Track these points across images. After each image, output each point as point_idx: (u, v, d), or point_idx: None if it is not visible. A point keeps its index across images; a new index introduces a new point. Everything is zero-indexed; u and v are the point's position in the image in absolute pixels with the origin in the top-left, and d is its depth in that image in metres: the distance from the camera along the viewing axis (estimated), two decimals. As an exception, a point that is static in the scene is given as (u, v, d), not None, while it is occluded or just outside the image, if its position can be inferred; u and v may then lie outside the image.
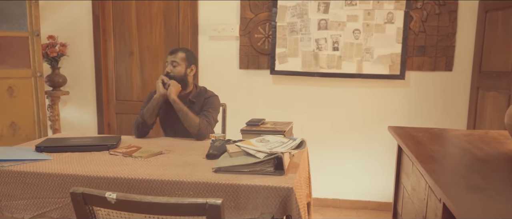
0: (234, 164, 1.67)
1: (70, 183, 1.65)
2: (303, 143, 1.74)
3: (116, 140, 2.15)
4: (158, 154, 1.97)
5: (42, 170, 1.70)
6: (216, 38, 3.52)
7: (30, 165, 1.76)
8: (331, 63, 3.33)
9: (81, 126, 3.94)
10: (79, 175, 1.66)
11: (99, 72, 3.82)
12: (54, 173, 1.68)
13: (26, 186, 1.68)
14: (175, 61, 2.44)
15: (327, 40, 3.30)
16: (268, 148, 1.72)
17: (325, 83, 3.40)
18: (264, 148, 1.71)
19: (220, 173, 1.66)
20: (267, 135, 1.94)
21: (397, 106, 3.37)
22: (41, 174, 1.68)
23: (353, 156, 3.49)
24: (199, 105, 2.46)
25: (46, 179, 1.68)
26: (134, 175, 1.63)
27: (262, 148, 1.72)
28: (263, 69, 3.46)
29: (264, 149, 1.69)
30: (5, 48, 3.22)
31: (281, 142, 1.81)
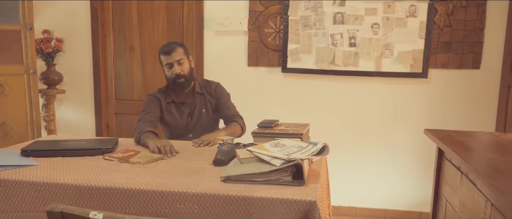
0: (246, 172, 1.48)
1: (56, 193, 1.46)
2: (326, 148, 1.54)
3: (112, 143, 1.97)
4: (159, 159, 1.79)
5: (25, 178, 1.51)
6: (223, 33, 3.37)
7: (12, 172, 1.58)
8: (348, 60, 3.15)
9: (78, 127, 3.80)
10: (66, 184, 1.46)
11: (97, 69, 3.68)
12: (38, 181, 1.49)
13: (5, 197, 1.50)
14: (181, 59, 2.31)
15: (343, 36, 3.13)
16: (285, 153, 1.52)
17: (340, 82, 3.24)
18: (281, 154, 1.51)
19: (229, 182, 1.47)
20: (282, 139, 1.74)
21: (418, 107, 3.20)
22: (24, 182, 1.50)
23: (370, 160, 3.32)
24: (208, 96, 2.42)
25: (29, 188, 1.49)
26: (129, 185, 1.43)
27: (278, 153, 1.52)
28: (274, 67, 3.30)
29: (281, 155, 1.49)
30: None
31: (299, 147, 1.61)
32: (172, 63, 2.29)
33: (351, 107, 3.27)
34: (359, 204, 3.37)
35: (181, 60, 2.31)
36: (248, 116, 2.97)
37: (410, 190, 3.29)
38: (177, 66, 2.29)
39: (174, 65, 2.29)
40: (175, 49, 2.29)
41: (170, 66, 2.30)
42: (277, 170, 1.44)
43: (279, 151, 1.56)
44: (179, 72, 2.29)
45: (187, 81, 2.34)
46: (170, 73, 2.32)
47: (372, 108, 3.25)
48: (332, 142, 3.08)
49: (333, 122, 3.30)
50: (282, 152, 1.55)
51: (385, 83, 3.18)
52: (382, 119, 3.25)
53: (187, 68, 2.34)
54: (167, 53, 2.29)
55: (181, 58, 2.30)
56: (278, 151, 1.57)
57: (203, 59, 3.42)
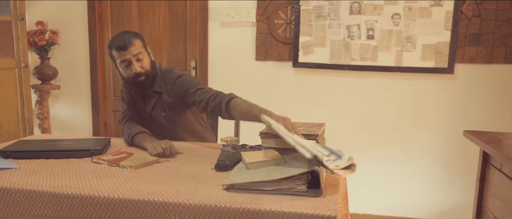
0: (253, 179, 1.30)
1: (32, 202, 1.30)
2: (353, 166, 1.31)
3: (103, 144, 1.81)
4: (153, 162, 1.63)
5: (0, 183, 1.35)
6: (229, 24, 3.23)
7: (-16, 177, 1.42)
8: (365, 54, 3.00)
9: (74, 126, 3.69)
10: (44, 191, 1.30)
11: (94, 64, 3.57)
12: (12, 188, 1.33)
13: (-26, 206, 1.34)
14: (140, 52, 1.94)
15: (360, 27, 2.98)
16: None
17: (357, 77, 3.09)
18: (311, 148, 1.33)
19: (233, 191, 1.30)
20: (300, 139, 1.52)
21: (443, 106, 3.03)
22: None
23: (388, 163, 3.16)
24: (166, 93, 2.03)
25: (1, 196, 1.33)
26: (116, 193, 1.26)
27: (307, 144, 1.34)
28: (284, 61, 3.17)
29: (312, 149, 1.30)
30: None
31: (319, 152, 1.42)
32: (129, 60, 1.92)
33: (368, 105, 3.12)
34: (376, 211, 3.21)
35: (140, 54, 1.94)
36: None
37: (431, 196, 3.12)
38: (135, 63, 1.93)
39: (132, 62, 1.93)
40: (132, 42, 1.92)
41: (127, 63, 1.93)
42: (289, 178, 1.27)
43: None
44: (140, 70, 1.94)
45: (150, 78, 2.00)
46: (127, 72, 1.95)
47: (391, 107, 3.10)
48: (347, 143, 3.03)
49: (348, 121, 3.15)
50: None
51: (406, 80, 3.02)
52: (402, 119, 3.10)
53: (148, 62, 1.99)
54: (121, 48, 1.90)
55: (139, 51, 1.94)
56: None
57: (208, 52, 3.29)
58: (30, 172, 1.49)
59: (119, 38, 1.93)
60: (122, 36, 1.94)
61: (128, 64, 1.94)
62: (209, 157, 1.76)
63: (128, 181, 1.39)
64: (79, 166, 1.59)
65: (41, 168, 1.55)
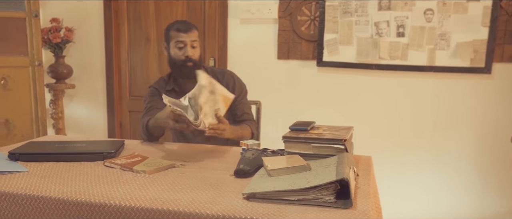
0: (275, 188, 1.23)
1: (39, 209, 1.26)
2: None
3: (116, 146, 1.77)
4: (169, 167, 1.57)
5: (5, 188, 1.32)
6: (250, 21, 3.21)
7: (-9, 181, 1.39)
8: (395, 52, 2.92)
9: (89, 126, 3.73)
10: (53, 198, 1.26)
11: (110, 62, 3.59)
12: (19, 193, 1.29)
13: (-21, 212, 1.30)
14: (196, 41, 2.15)
15: (389, 24, 2.91)
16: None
17: (386, 77, 3.03)
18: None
19: (254, 201, 1.23)
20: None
21: (479, 108, 2.93)
22: (1, 194, 1.30)
23: (420, 170, 3.07)
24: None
25: (8, 201, 1.29)
26: (128, 201, 1.21)
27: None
28: (308, 60, 3.13)
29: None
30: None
31: None
32: (185, 43, 2.12)
33: (397, 107, 3.05)
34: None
35: (196, 42, 2.15)
36: (277, 117, 2.78)
37: (465, 205, 3.01)
38: (190, 48, 2.12)
39: (188, 45, 2.12)
40: (192, 29, 2.14)
41: (182, 45, 2.12)
42: (316, 187, 1.19)
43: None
44: (191, 55, 2.12)
45: (196, 67, 2.14)
46: (180, 54, 2.13)
47: (423, 109, 3.01)
48: (375, 148, 2.91)
49: (376, 125, 3.09)
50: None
51: (439, 80, 2.93)
52: (434, 122, 3.01)
53: (198, 53, 2.17)
54: (181, 31, 2.11)
55: (195, 40, 2.15)
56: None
57: (227, 50, 3.26)
58: (38, 176, 1.45)
59: (181, 22, 2.16)
60: (184, 22, 2.17)
61: (183, 47, 2.12)
62: (228, 162, 1.70)
63: (141, 188, 1.34)
64: (90, 170, 1.55)
65: (51, 172, 1.51)
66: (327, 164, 1.40)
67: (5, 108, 3.03)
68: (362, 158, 1.83)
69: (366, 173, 1.57)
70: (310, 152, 1.59)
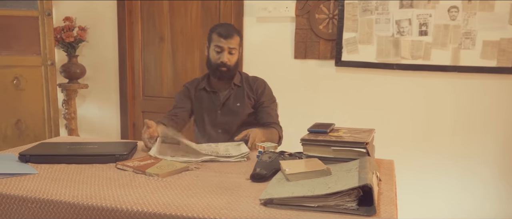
0: (294, 194, 1.19)
1: (48, 212, 1.24)
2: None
3: (129, 148, 1.76)
4: (183, 170, 1.55)
5: (14, 191, 1.30)
6: (266, 19, 3.17)
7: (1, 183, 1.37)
8: (417, 51, 2.86)
9: (102, 126, 3.72)
10: (62, 202, 1.24)
11: (123, 62, 3.58)
12: (29, 196, 1.27)
13: (-13, 215, 1.29)
14: (234, 49, 2.25)
15: (411, 22, 2.84)
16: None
17: (407, 78, 2.96)
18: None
19: (271, 207, 1.19)
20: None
21: (506, 110, 2.83)
22: (11, 197, 1.29)
23: (443, 174, 2.99)
24: (247, 90, 2.34)
25: (17, 204, 1.28)
26: (140, 206, 1.18)
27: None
28: (326, 59, 3.08)
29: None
30: (10, 30, 2.99)
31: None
32: (223, 48, 2.22)
33: (420, 109, 2.99)
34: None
35: (233, 50, 2.24)
36: (294, 119, 2.75)
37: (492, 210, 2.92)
38: (227, 54, 2.22)
39: (225, 51, 2.22)
40: (233, 36, 2.23)
41: (220, 50, 2.23)
42: (338, 193, 1.15)
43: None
44: (226, 61, 2.22)
45: (229, 73, 2.27)
46: (216, 57, 2.24)
47: (447, 111, 2.94)
48: (396, 151, 2.82)
49: (398, 127, 3.03)
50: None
51: (464, 80, 2.86)
52: (458, 123, 2.94)
53: (235, 60, 2.28)
54: (223, 36, 2.21)
55: (234, 47, 2.24)
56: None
57: (243, 50, 3.22)
58: (49, 179, 1.44)
59: (224, 27, 2.26)
60: (227, 27, 2.27)
61: (220, 51, 2.22)
62: (244, 165, 1.67)
63: (154, 192, 1.31)
64: (102, 172, 1.53)
65: (62, 174, 1.50)
66: (348, 168, 1.36)
67: (17, 108, 3.03)
68: (383, 162, 1.78)
69: (388, 178, 1.53)
70: (330, 156, 1.56)
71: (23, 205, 1.27)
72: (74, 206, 1.22)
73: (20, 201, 1.28)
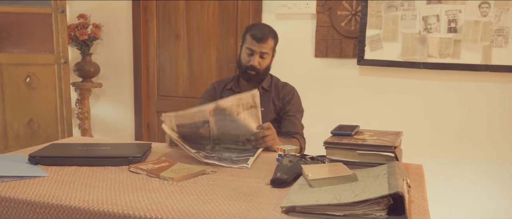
0: (318, 201, 1.14)
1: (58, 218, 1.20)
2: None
3: (143, 150, 1.73)
4: (199, 174, 1.50)
5: (22, 195, 1.27)
6: (285, 16, 3.18)
7: (10, 186, 1.35)
8: (445, 50, 2.83)
9: (115, 127, 3.75)
10: (73, 207, 1.20)
11: (138, 60, 3.60)
12: (37, 201, 1.24)
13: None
14: (266, 53, 2.23)
15: (440, 18, 2.82)
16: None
17: (435, 77, 2.95)
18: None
19: (294, 215, 1.14)
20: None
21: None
22: (18, 201, 1.26)
23: (474, 179, 2.95)
24: (274, 96, 2.31)
25: (24, 210, 1.25)
26: (154, 212, 1.14)
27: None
28: (348, 58, 3.08)
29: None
30: (23, 27, 3.02)
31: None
32: (254, 52, 2.21)
33: (448, 110, 2.96)
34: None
35: (265, 54, 2.23)
36: (315, 120, 2.74)
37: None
38: (257, 58, 2.22)
39: (256, 55, 2.21)
40: (267, 40, 2.21)
41: (251, 52, 2.22)
42: (366, 202, 1.09)
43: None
44: (256, 65, 2.22)
45: (258, 77, 2.28)
46: (246, 59, 2.24)
47: (478, 113, 2.90)
48: (423, 155, 2.82)
49: (425, 129, 3.00)
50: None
51: (496, 80, 2.82)
52: (490, 126, 2.89)
53: (266, 64, 2.27)
54: (257, 39, 2.19)
55: (266, 52, 2.23)
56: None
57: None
58: (59, 182, 1.41)
59: (260, 29, 2.24)
60: (263, 29, 2.24)
61: (251, 54, 2.22)
62: (263, 169, 1.62)
63: (169, 197, 1.27)
64: (114, 175, 1.49)
65: (72, 177, 1.47)
66: (376, 174, 1.29)
67: (30, 108, 3.05)
68: (412, 166, 1.72)
69: (418, 185, 1.46)
70: (355, 160, 1.50)
71: (31, 210, 1.24)
72: (84, 211, 1.18)
73: (28, 205, 1.24)
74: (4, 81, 2.95)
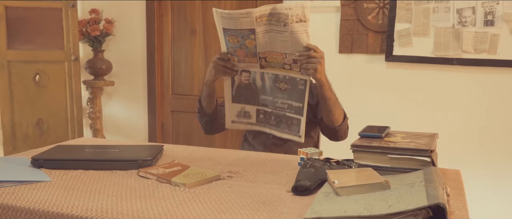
0: (347, 213, 1.05)
1: (58, 229, 1.14)
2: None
3: (153, 153, 1.67)
4: (213, 180, 1.44)
5: (22, 202, 1.22)
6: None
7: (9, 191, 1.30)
8: (481, 45, 2.82)
9: (128, 127, 3.76)
10: (75, 216, 1.14)
11: (152, 57, 3.61)
12: (37, 209, 1.18)
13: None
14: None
15: (475, 11, 2.80)
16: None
17: (470, 74, 2.93)
18: None
19: (319, 228, 1.05)
20: None
21: None
22: (17, 209, 1.20)
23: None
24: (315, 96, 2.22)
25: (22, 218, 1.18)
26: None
27: None
28: (375, 54, 3.09)
29: None
30: (32, 23, 3.06)
31: None
32: None
33: (485, 110, 2.94)
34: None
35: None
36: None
37: None
38: None
39: None
40: None
41: None
42: (401, 214, 0.99)
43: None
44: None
45: None
46: None
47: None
48: (458, 157, 2.79)
49: (459, 130, 2.98)
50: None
51: None
52: None
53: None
54: None
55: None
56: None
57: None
58: (62, 188, 1.35)
59: None
60: None
61: None
62: (284, 174, 1.54)
63: (180, 206, 1.20)
64: (122, 180, 1.43)
65: (77, 182, 1.41)
66: (411, 182, 1.20)
67: (39, 107, 3.06)
68: (448, 172, 1.62)
69: (457, 193, 1.36)
70: (386, 165, 1.41)
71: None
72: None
73: (27, 213, 1.19)
74: (12, 79, 2.98)
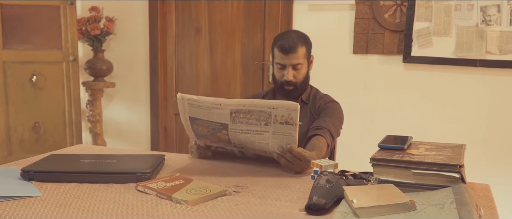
0: (368, 238, 0.96)
1: (45, 253, 1.06)
2: None
3: (153, 164, 1.61)
4: (218, 196, 1.36)
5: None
6: (320, 7, 3.17)
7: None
8: (507, 45, 2.80)
9: (130, 131, 3.75)
10: (63, 238, 1.05)
11: (154, 57, 3.61)
12: (22, 229, 1.09)
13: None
14: (300, 64, 2.14)
15: (501, 9, 2.78)
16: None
17: (494, 77, 2.90)
18: None
19: (337, 256, 0.96)
20: None
21: None
22: (0, 230, 1.11)
23: None
24: (310, 108, 2.25)
25: (7, 241, 1.11)
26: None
27: None
28: (392, 55, 3.07)
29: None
30: (28, 21, 3.09)
31: None
32: (286, 65, 2.14)
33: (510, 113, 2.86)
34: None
35: (299, 65, 2.14)
36: (352, 126, 2.72)
37: None
38: (291, 71, 2.14)
39: (288, 68, 2.14)
40: (296, 49, 2.12)
41: (282, 67, 2.16)
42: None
43: None
44: (291, 79, 2.15)
45: (297, 90, 2.22)
46: (279, 75, 2.19)
47: None
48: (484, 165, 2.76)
49: (483, 136, 2.94)
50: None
51: None
52: None
53: (303, 74, 2.19)
54: (285, 51, 2.11)
55: (299, 62, 2.14)
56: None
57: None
58: (53, 204, 1.28)
59: (286, 39, 2.14)
60: (290, 38, 2.14)
61: (283, 68, 2.16)
62: (296, 188, 1.46)
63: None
64: (119, 196, 1.36)
65: (69, 197, 1.34)
66: (440, 202, 1.11)
67: (36, 110, 3.06)
68: (477, 187, 1.53)
69: (489, 212, 1.28)
70: (409, 181, 1.32)
71: (15, 241, 1.11)
72: (76, 245, 1.04)
73: (12, 235, 1.11)
74: (7, 80, 3.00)
